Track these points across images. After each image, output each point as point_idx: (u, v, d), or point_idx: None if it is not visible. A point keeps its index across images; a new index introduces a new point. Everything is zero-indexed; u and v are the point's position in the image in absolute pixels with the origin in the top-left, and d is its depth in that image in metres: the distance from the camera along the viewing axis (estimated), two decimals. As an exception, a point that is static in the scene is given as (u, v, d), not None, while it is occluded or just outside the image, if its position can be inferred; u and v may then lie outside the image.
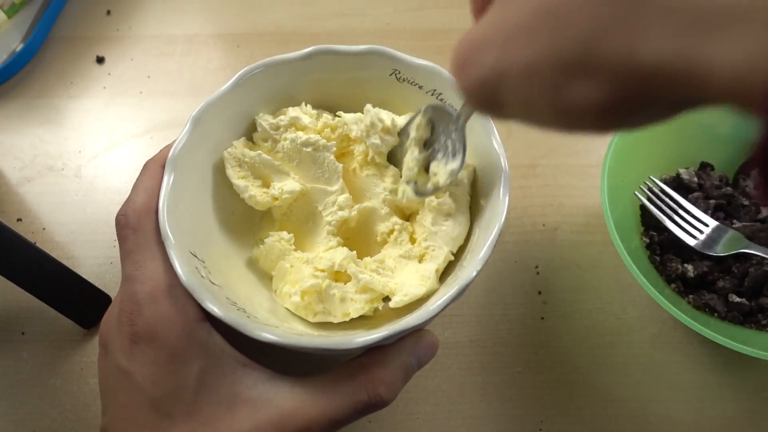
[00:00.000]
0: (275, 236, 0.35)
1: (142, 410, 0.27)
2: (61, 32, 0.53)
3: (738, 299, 0.39)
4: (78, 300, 0.40)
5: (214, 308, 0.28)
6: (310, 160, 0.35)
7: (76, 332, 0.41)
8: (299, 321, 0.34)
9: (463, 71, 0.19)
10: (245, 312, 0.31)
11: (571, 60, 0.15)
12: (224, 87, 0.34)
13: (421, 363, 0.30)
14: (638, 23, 0.14)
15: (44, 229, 0.44)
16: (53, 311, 0.39)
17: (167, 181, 0.31)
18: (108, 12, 0.54)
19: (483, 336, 0.41)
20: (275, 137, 0.35)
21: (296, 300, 0.32)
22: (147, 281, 0.28)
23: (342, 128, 0.36)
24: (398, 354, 0.29)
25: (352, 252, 0.34)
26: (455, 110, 0.32)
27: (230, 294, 0.32)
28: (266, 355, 0.29)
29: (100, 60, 0.52)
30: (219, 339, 0.29)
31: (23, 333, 0.41)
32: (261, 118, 0.35)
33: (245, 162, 0.35)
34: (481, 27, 0.18)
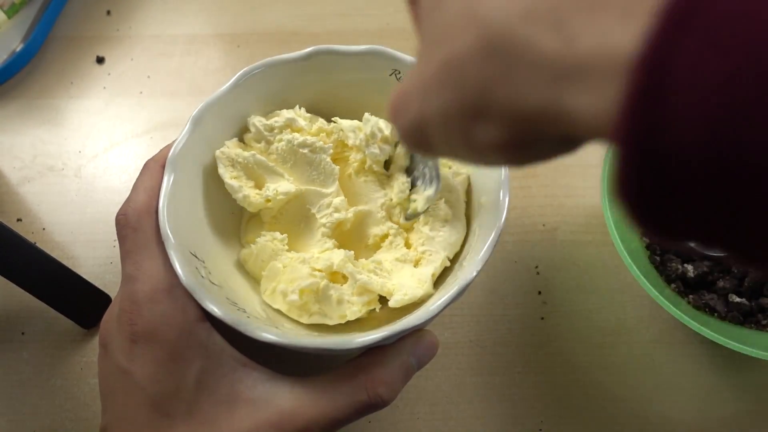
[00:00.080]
0: (268, 236, 0.34)
1: (142, 410, 0.27)
2: (61, 32, 0.53)
3: (738, 299, 0.39)
4: (78, 300, 0.40)
5: (214, 308, 0.28)
6: (306, 162, 0.35)
7: (76, 332, 0.41)
8: (291, 323, 0.33)
9: (396, 119, 0.21)
10: (245, 312, 0.31)
11: (471, 108, 0.17)
12: (224, 87, 0.34)
13: (421, 363, 0.30)
14: (515, 77, 0.15)
15: (44, 229, 0.44)
16: (53, 311, 0.39)
17: (167, 181, 0.31)
18: (108, 12, 0.54)
19: (483, 336, 0.41)
20: (269, 138, 0.35)
21: (293, 298, 0.32)
22: (147, 281, 0.28)
23: (337, 134, 0.36)
24: (398, 354, 0.29)
25: (350, 252, 0.33)
26: None
27: (230, 294, 0.32)
28: (266, 355, 0.29)
29: (100, 60, 0.52)
30: (219, 339, 0.29)
31: (23, 333, 0.41)
32: (254, 120, 0.35)
33: (238, 162, 0.34)
34: (407, 79, 0.20)
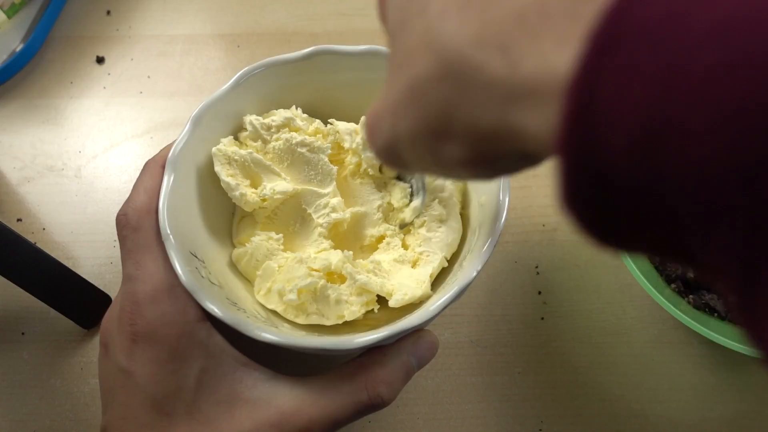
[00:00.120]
0: (263, 236, 0.34)
1: (142, 409, 0.27)
2: (61, 32, 0.53)
3: (738, 299, 0.39)
4: (78, 300, 0.40)
5: (214, 308, 0.28)
6: (304, 162, 0.35)
7: (76, 332, 0.41)
8: (287, 324, 0.33)
9: (370, 138, 0.21)
10: (245, 312, 0.31)
11: (435, 128, 0.18)
12: (224, 87, 0.34)
13: (421, 363, 0.30)
14: (471, 99, 0.16)
15: (44, 229, 0.44)
16: (53, 311, 0.39)
17: (167, 181, 0.31)
18: (108, 12, 0.54)
19: (483, 336, 0.41)
20: (265, 137, 0.35)
21: (292, 298, 0.31)
22: (148, 281, 0.28)
23: (334, 136, 0.36)
24: (398, 354, 0.29)
25: (349, 252, 0.33)
26: None
27: (230, 294, 0.32)
28: (266, 355, 0.29)
29: (100, 60, 0.52)
30: (219, 339, 0.29)
31: (23, 333, 0.41)
32: (251, 118, 0.35)
33: (235, 160, 0.34)
34: (379, 101, 0.21)
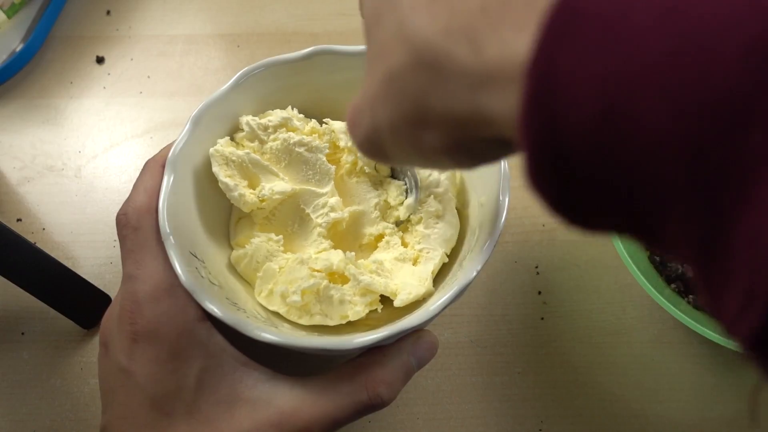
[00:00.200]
0: (263, 237, 0.34)
1: (142, 409, 0.27)
2: (61, 32, 0.53)
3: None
4: (78, 300, 0.40)
5: (214, 308, 0.28)
6: (302, 161, 0.35)
7: (76, 332, 0.41)
8: (287, 324, 0.33)
9: (352, 132, 0.22)
10: (245, 312, 0.31)
11: (413, 117, 0.18)
12: (224, 87, 0.34)
13: (421, 363, 0.30)
14: (443, 87, 0.17)
15: (44, 229, 0.44)
16: (53, 311, 0.39)
17: (167, 181, 0.31)
18: (108, 12, 0.54)
19: (483, 336, 0.41)
20: (262, 138, 0.35)
21: (296, 299, 0.31)
22: (148, 280, 0.28)
23: (329, 135, 0.36)
24: (398, 354, 0.29)
25: (351, 253, 0.33)
26: None
27: (230, 294, 0.32)
28: (266, 355, 0.29)
29: (100, 60, 0.52)
30: (219, 339, 0.29)
31: (23, 333, 0.41)
32: (247, 119, 0.35)
33: (232, 161, 0.34)
34: (359, 94, 0.21)
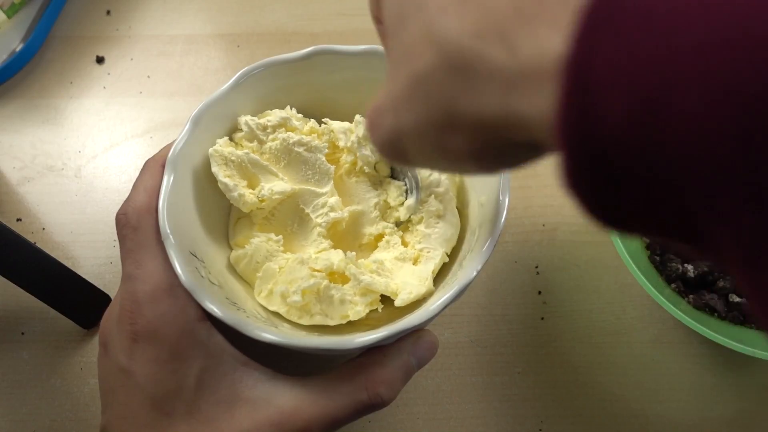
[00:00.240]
0: (262, 237, 0.34)
1: (142, 409, 0.27)
2: (61, 32, 0.53)
3: (738, 299, 0.39)
4: (78, 300, 0.40)
5: (214, 308, 0.28)
6: (301, 161, 0.35)
7: (76, 332, 0.41)
8: (287, 323, 0.33)
9: (372, 133, 0.22)
10: (245, 312, 0.31)
11: (440, 120, 0.18)
12: (224, 87, 0.34)
13: (421, 363, 0.30)
14: (473, 89, 0.16)
15: (44, 229, 0.44)
16: (53, 311, 0.39)
17: (167, 181, 0.31)
18: (108, 12, 0.54)
19: (483, 336, 0.41)
20: (261, 138, 0.35)
21: (296, 299, 0.31)
22: (148, 280, 0.28)
23: (328, 135, 0.36)
24: (398, 354, 0.29)
25: (351, 253, 0.33)
26: None
27: (230, 294, 0.32)
28: (266, 355, 0.29)
29: (100, 60, 0.52)
30: (219, 338, 0.29)
31: (23, 333, 0.41)
32: (246, 119, 0.35)
33: (231, 161, 0.34)
34: (380, 95, 0.21)
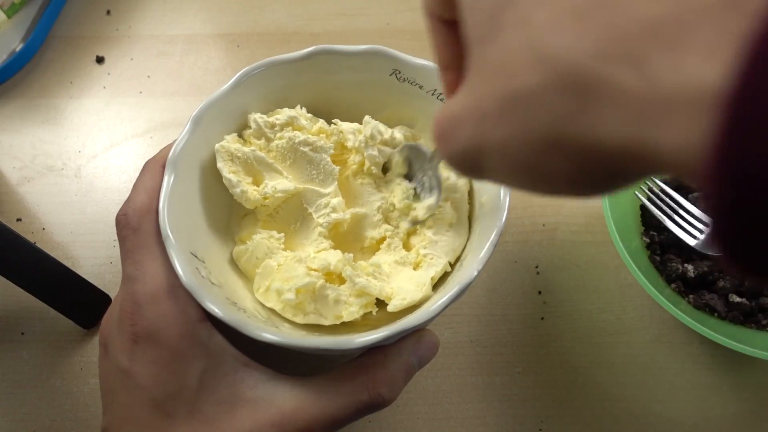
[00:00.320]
0: (264, 233, 0.34)
1: (143, 410, 0.27)
2: (61, 32, 0.53)
3: (738, 299, 0.39)
4: (78, 300, 0.40)
5: (214, 308, 0.28)
6: (306, 161, 0.35)
7: (76, 332, 0.41)
8: (285, 323, 0.33)
9: (443, 143, 0.20)
10: (245, 312, 0.31)
11: (539, 142, 0.17)
12: (224, 87, 0.34)
13: (422, 363, 0.30)
14: (591, 115, 0.15)
15: (44, 229, 0.44)
16: (53, 311, 0.39)
17: (167, 181, 0.31)
18: (108, 12, 0.54)
19: (483, 336, 0.41)
20: (269, 136, 0.35)
21: (290, 297, 0.31)
22: (148, 281, 0.28)
23: (337, 136, 0.36)
24: (399, 354, 0.29)
25: (349, 255, 0.33)
26: (429, 150, 0.34)
27: (230, 294, 0.32)
28: (266, 355, 0.29)
29: (100, 60, 0.52)
30: (220, 339, 0.29)
31: (23, 333, 0.41)
32: (255, 116, 0.35)
33: (237, 157, 0.34)
34: (456, 104, 0.20)
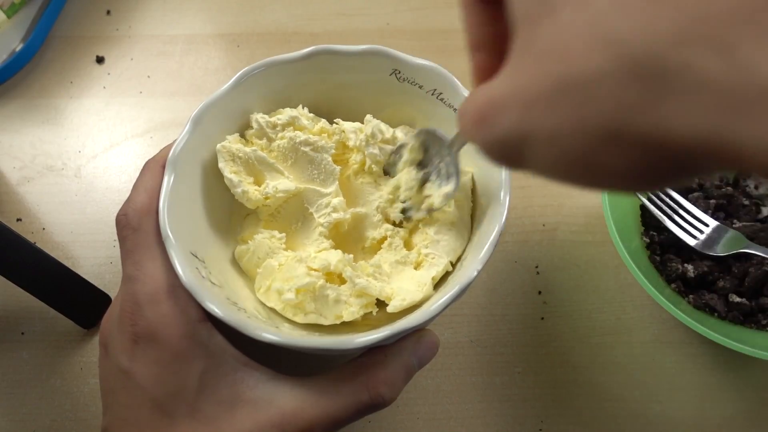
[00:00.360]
0: (265, 233, 0.34)
1: (143, 410, 0.27)
2: (61, 32, 0.53)
3: (738, 299, 0.39)
4: (78, 300, 0.40)
5: (215, 308, 0.28)
6: (307, 161, 0.35)
7: (76, 332, 0.41)
8: (285, 322, 0.33)
9: (481, 128, 0.18)
10: (245, 312, 0.31)
11: (598, 131, 0.15)
12: (224, 87, 0.34)
13: (422, 363, 0.30)
14: (667, 104, 0.14)
15: (44, 229, 0.44)
16: (53, 311, 0.39)
17: (167, 182, 0.31)
18: (108, 12, 0.54)
19: (483, 336, 0.41)
20: (270, 136, 0.35)
21: (290, 297, 0.31)
22: (148, 281, 0.28)
23: (339, 135, 0.36)
24: (399, 354, 0.29)
25: (349, 255, 0.33)
26: (447, 136, 0.33)
27: (230, 294, 0.32)
28: (267, 356, 0.29)
29: (100, 60, 0.52)
30: (220, 339, 0.29)
31: (23, 333, 0.41)
32: (257, 116, 0.35)
33: (239, 157, 0.34)
34: (498, 87, 0.18)
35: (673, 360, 0.40)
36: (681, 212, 0.41)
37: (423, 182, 0.34)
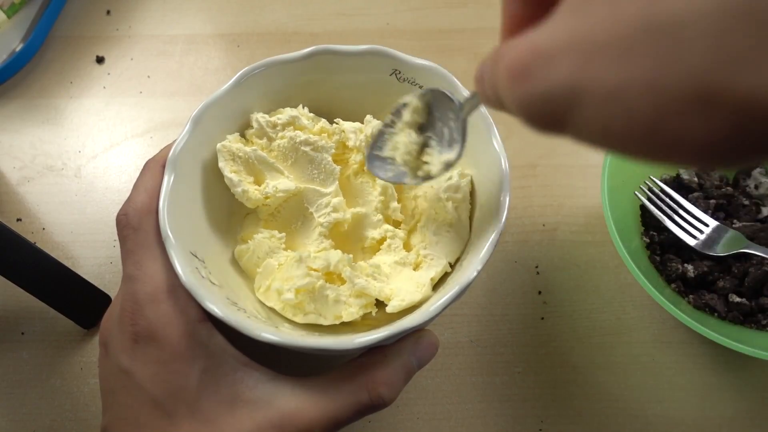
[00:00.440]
0: (265, 233, 0.34)
1: (143, 410, 0.27)
2: (61, 32, 0.53)
3: (738, 299, 0.39)
4: (78, 300, 0.40)
5: (214, 308, 0.28)
6: (307, 160, 0.35)
7: (76, 332, 0.41)
8: (285, 322, 0.33)
9: (521, 81, 0.16)
10: (245, 312, 0.31)
11: (682, 91, 0.12)
12: (224, 87, 0.34)
13: (422, 363, 0.30)
14: None
15: (44, 229, 0.44)
16: (53, 311, 0.39)
17: (167, 181, 0.31)
18: (108, 12, 0.54)
19: (483, 336, 0.41)
20: (271, 135, 0.35)
21: (289, 297, 0.31)
22: (148, 281, 0.28)
23: (339, 135, 0.36)
24: (399, 354, 0.29)
25: (349, 255, 0.33)
26: (457, 98, 0.29)
27: (230, 294, 0.32)
28: (267, 356, 0.29)
29: (100, 60, 0.52)
30: (220, 339, 0.29)
31: (23, 333, 0.41)
32: (257, 116, 0.35)
33: (239, 157, 0.34)
34: (546, 34, 0.15)
35: (673, 360, 0.40)
36: (681, 212, 0.41)
37: (422, 147, 0.31)
